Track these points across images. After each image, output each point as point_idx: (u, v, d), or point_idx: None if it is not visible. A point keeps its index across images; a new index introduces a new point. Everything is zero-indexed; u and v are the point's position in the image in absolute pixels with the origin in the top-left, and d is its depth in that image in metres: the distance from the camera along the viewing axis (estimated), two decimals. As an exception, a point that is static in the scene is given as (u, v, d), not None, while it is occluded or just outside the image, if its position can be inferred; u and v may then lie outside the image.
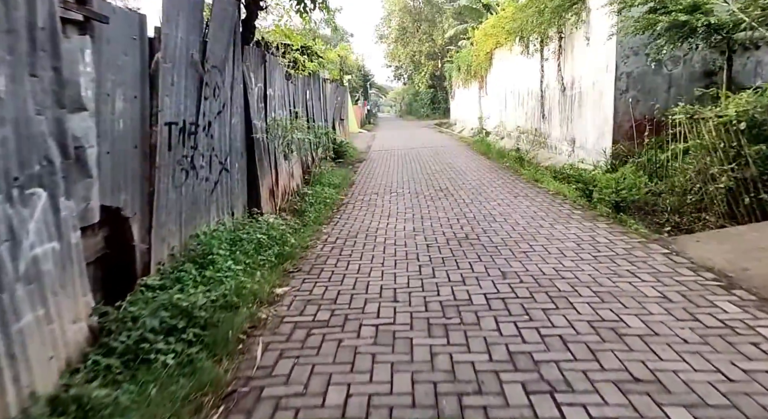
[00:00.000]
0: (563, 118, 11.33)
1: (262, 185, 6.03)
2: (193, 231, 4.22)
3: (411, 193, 8.16)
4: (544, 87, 12.24)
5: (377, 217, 6.40)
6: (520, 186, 8.19)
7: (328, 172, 9.84)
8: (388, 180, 9.72)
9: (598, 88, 9.55)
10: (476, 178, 9.27)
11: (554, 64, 11.45)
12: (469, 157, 13.16)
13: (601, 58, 9.33)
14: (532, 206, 6.52)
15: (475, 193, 7.78)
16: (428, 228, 5.62)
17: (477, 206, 6.73)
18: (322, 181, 8.61)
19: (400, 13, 42.57)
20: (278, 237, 4.95)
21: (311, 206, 6.78)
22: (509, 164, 10.80)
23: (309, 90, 10.37)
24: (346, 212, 6.81)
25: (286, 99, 8.01)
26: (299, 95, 9.05)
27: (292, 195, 7.53)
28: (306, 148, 9.34)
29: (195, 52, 4.09)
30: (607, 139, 9.23)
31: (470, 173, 10.03)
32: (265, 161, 6.23)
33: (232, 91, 5.15)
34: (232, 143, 5.24)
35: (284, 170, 7.24)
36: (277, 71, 7.17)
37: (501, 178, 9.22)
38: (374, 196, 8.03)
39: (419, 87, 44.31)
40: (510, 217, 5.93)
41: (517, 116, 15.55)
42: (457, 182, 8.95)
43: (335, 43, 42.46)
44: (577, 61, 10.46)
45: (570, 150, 10.89)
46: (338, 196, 7.96)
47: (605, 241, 4.63)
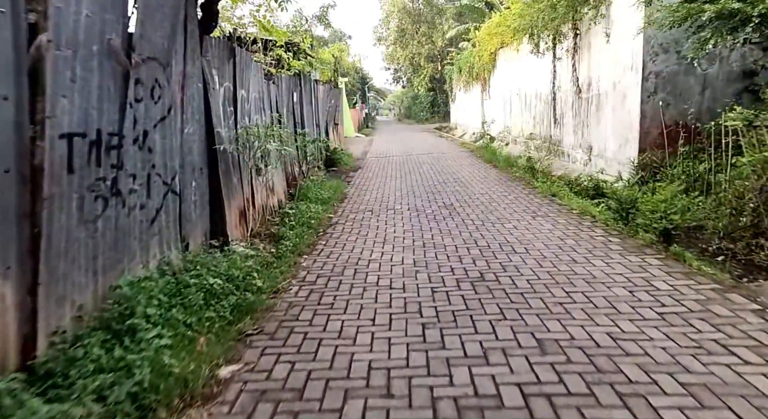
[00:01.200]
0: (578, 123, 10.26)
1: (230, 207, 4.93)
2: (118, 278, 3.12)
3: (411, 209, 7.07)
4: (555, 89, 11.17)
5: (370, 244, 5.30)
6: (536, 202, 7.10)
7: (317, 183, 8.74)
8: (384, 193, 8.64)
9: (620, 89, 8.47)
10: (484, 192, 8.18)
11: (568, 63, 10.38)
12: (473, 166, 12.08)
13: (625, 57, 8.26)
14: (556, 230, 5.43)
15: (486, 210, 6.70)
16: (432, 262, 4.53)
17: (490, 229, 5.64)
18: (309, 196, 7.51)
19: (398, 15, 41.59)
20: (241, 277, 3.85)
21: (292, 229, 5.68)
22: (519, 174, 9.72)
23: (297, 92, 9.29)
24: (333, 236, 5.70)
25: (266, 102, 6.92)
26: (283, 98, 7.97)
27: (272, 214, 6.43)
28: (292, 157, 8.24)
29: (115, 38, 3.00)
30: (631, 148, 8.15)
31: (477, 185, 8.95)
32: (234, 177, 5.13)
33: (184, 92, 4.06)
34: (186, 157, 4.14)
35: (262, 186, 6.15)
36: (253, 69, 6.09)
37: (512, 191, 8.14)
38: (368, 213, 6.94)
39: (418, 90, 43.29)
40: (532, 246, 4.84)
41: (523, 121, 14.49)
42: (464, 196, 7.87)
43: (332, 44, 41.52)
44: (594, 60, 9.39)
45: (586, 158, 9.81)
46: (326, 214, 6.86)
47: (667, 288, 3.53)
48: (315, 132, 12.35)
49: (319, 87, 12.42)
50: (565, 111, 10.91)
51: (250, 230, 5.39)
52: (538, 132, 13.02)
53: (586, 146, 9.87)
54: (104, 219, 3.00)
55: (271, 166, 5.47)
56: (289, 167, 8.23)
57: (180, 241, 4.00)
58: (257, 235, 5.48)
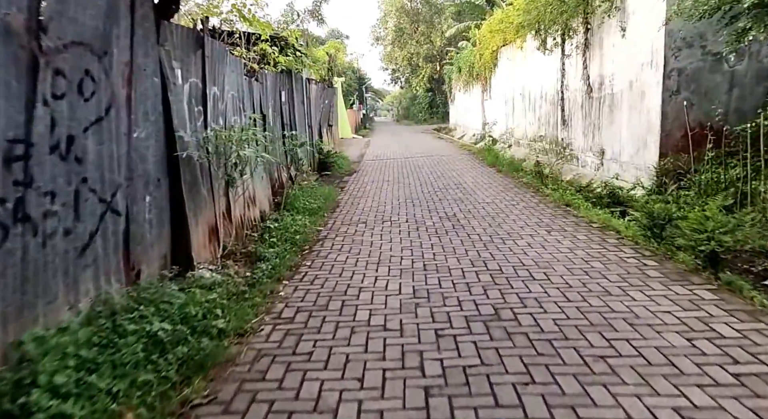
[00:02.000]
0: (588, 124, 9.54)
1: (196, 224, 4.19)
2: (31, 326, 2.38)
3: (410, 221, 6.33)
4: (564, 88, 10.44)
5: (362, 266, 4.55)
6: (549, 213, 6.37)
7: (307, 191, 8.00)
8: (380, 201, 7.89)
9: (638, 88, 7.75)
10: (490, 200, 7.44)
11: (578, 61, 9.66)
12: (476, 170, 11.34)
13: (643, 52, 7.54)
14: (578, 248, 4.70)
15: (493, 223, 5.96)
16: (435, 291, 3.79)
17: (500, 247, 4.90)
18: (296, 205, 6.76)
19: (397, 14, 40.87)
20: (200, 316, 3.10)
21: (273, 247, 4.93)
22: (527, 180, 8.98)
23: (285, 91, 8.55)
24: (320, 256, 4.95)
25: (248, 101, 6.17)
26: (269, 97, 7.22)
27: (253, 228, 5.68)
28: (279, 162, 7.49)
29: (16, 14, 2.26)
30: (651, 152, 7.42)
31: (481, 192, 8.21)
32: (202, 189, 4.38)
33: (132, 87, 3.31)
34: (136, 167, 3.40)
35: (240, 197, 5.40)
36: (230, 64, 5.34)
37: (521, 199, 7.40)
38: (361, 226, 6.20)
39: (417, 90, 42.57)
40: (552, 271, 4.10)
41: (527, 122, 13.77)
42: (467, 205, 7.13)
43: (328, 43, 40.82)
44: (607, 57, 8.67)
45: (597, 162, 9.08)
46: (315, 226, 6.11)
47: (734, 336, 2.79)
48: (307, 134, 11.60)
49: (311, 86, 11.68)
50: (574, 111, 10.19)
51: (222, 249, 4.64)
52: (544, 134, 12.30)
53: (597, 149, 9.14)
54: (3, 254, 2.25)
55: (248, 175, 4.71)
56: (276, 173, 7.49)
57: (126, 271, 3.25)
58: (232, 255, 4.72)
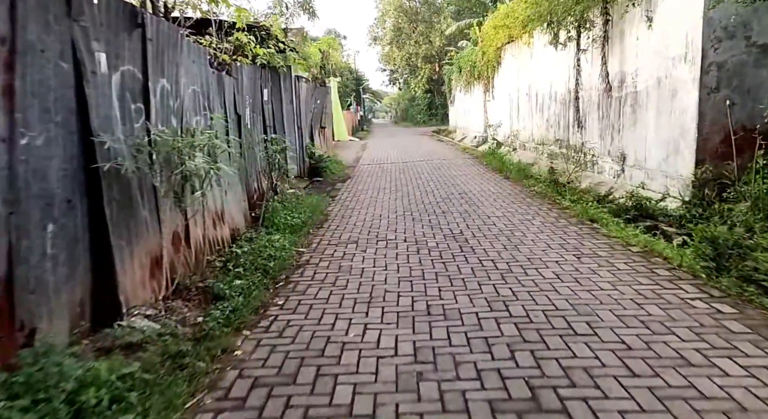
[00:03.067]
0: (606, 126, 8.58)
1: (130, 256, 3.20)
2: None
3: (408, 241, 5.34)
4: (579, 86, 9.48)
5: (348, 308, 3.56)
6: (573, 231, 5.39)
7: (292, 202, 7.02)
8: (375, 213, 6.91)
9: (668, 86, 6.79)
10: (501, 213, 6.47)
11: (595, 56, 8.70)
12: (481, 176, 10.36)
13: (675, 45, 6.58)
14: (622, 284, 3.72)
15: (509, 244, 4.98)
16: (443, 353, 2.79)
17: (522, 281, 3.92)
18: (276, 221, 5.77)
19: (395, 13, 39.95)
20: (101, 408, 2.12)
21: (240, 277, 3.94)
22: (539, 189, 8.01)
23: (268, 88, 7.56)
24: (296, 291, 3.96)
25: (216, 99, 5.18)
26: (245, 95, 6.23)
27: (220, 251, 4.68)
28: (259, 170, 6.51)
29: None
30: (685, 158, 6.46)
31: (489, 203, 7.23)
32: (141, 210, 3.39)
33: (17, 75, 2.33)
34: (28, 185, 2.41)
35: (201, 215, 4.41)
36: (189, 52, 4.35)
37: (537, 212, 6.42)
38: (351, 247, 5.20)
39: (415, 92, 41.63)
40: (599, 322, 3.09)
41: (533, 124, 12.82)
42: (475, 220, 6.15)
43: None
44: (630, 51, 7.72)
45: (617, 169, 8.11)
46: (295, 248, 5.12)
47: None
48: (296, 137, 10.63)
49: (301, 84, 10.71)
50: (589, 112, 9.23)
51: (172, 285, 3.65)
52: (553, 136, 11.35)
53: (617, 154, 8.18)
54: None
55: (202, 191, 3.69)
56: (256, 182, 6.50)
57: (7, 334, 2.27)
58: (185, 291, 3.73)
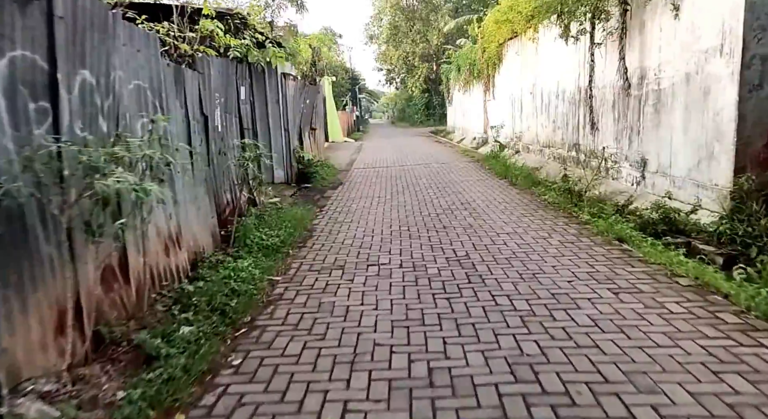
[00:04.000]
0: (623, 127, 7.75)
1: (20, 312, 2.31)
2: None
3: (405, 267, 4.47)
4: (593, 84, 8.63)
5: (324, 373, 2.66)
6: (601, 254, 4.52)
7: (273, 215, 6.15)
8: (367, 229, 6.04)
9: (699, 82, 5.95)
10: (512, 229, 5.60)
11: (612, 50, 7.87)
12: (484, 182, 9.51)
13: (708, 36, 5.74)
14: (683, 337, 2.85)
15: (527, 273, 4.10)
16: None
17: (550, 329, 3.03)
18: (249, 241, 4.90)
19: (391, 11, 39.05)
20: None
21: (188, 324, 3.07)
22: (551, 198, 7.16)
23: (246, 86, 6.69)
24: (259, 344, 3.05)
25: (171, 97, 4.29)
26: (214, 92, 5.33)
27: (171, 286, 3.80)
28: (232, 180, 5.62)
29: None
30: (721, 165, 5.62)
31: (497, 215, 6.37)
32: (42, 245, 2.48)
33: None
34: None
35: (148, 240, 3.53)
36: (123, 37, 3.47)
37: (553, 228, 5.56)
38: (336, 274, 4.33)
39: (413, 91, 40.77)
40: (667, 405, 2.21)
41: (538, 125, 11.99)
42: (483, 238, 5.28)
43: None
44: (652, 44, 6.88)
45: (637, 175, 7.27)
46: (268, 276, 4.24)
47: None
48: (282, 140, 9.76)
49: (288, 82, 9.83)
50: (604, 112, 8.40)
51: (92, 343, 2.77)
52: (560, 139, 10.52)
53: (636, 159, 7.33)
54: None
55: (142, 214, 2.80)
56: (229, 193, 5.61)
57: None
58: (113, 347, 2.86)
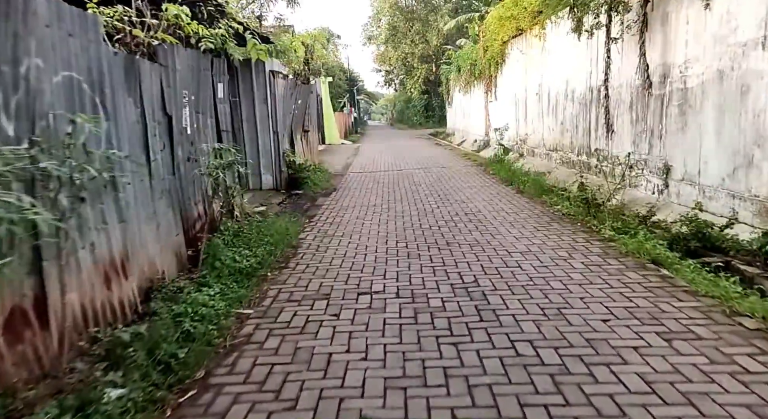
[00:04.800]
0: (642, 130, 7.04)
1: None
2: None
3: (402, 296, 3.73)
4: (609, 82, 7.92)
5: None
6: (636, 282, 3.78)
7: (253, 228, 5.42)
8: (360, 244, 5.30)
9: (734, 79, 5.24)
10: (525, 246, 4.86)
11: (630, 46, 7.16)
12: (488, 189, 8.79)
13: (745, 26, 5.03)
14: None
15: (550, 308, 3.34)
16: None
17: (591, 394, 2.30)
18: (220, 261, 4.16)
19: (390, 11, 38.38)
20: None
21: (116, 385, 2.34)
22: (565, 209, 6.44)
23: (225, 83, 5.96)
24: (208, 417, 2.36)
25: (120, 92, 3.55)
26: (179, 88, 4.57)
27: (113, 324, 3.07)
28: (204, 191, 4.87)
29: None
30: (763, 173, 4.90)
31: (506, 228, 5.65)
32: None
33: None
34: None
35: (83, 270, 2.80)
36: (46, 16, 2.74)
37: (572, 246, 4.82)
38: (319, 307, 3.59)
39: (412, 93, 40.10)
40: None
41: (544, 127, 11.28)
42: (493, 258, 4.54)
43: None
44: (677, 39, 6.18)
45: (659, 183, 6.55)
46: (236, 309, 3.50)
47: None
48: (271, 143, 9.03)
49: (278, 81, 9.11)
50: (620, 114, 7.69)
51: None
52: (569, 142, 9.81)
53: (658, 165, 6.61)
54: None
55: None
56: (201, 207, 4.87)
57: None
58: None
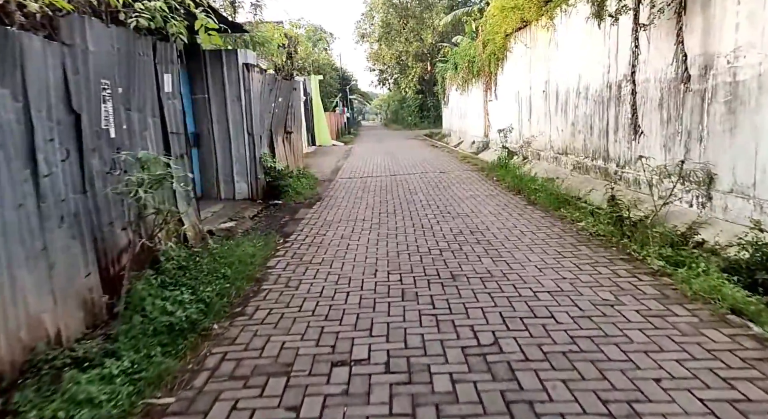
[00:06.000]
0: (675, 132, 5.97)
1: None
2: None
3: (395, 370, 2.58)
4: (635, 75, 6.83)
5: None
6: (723, 345, 2.64)
7: (207, 253, 4.28)
8: (342, 277, 4.14)
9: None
10: (553, 282, 3.73)
11: (663, 33, 6.09)
12: (495, 200, 7.68)
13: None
14: None
15: (616, 398, 2.22)
16: None
17: None
18: (144, 313, 3.03)
19: (383, 8, 37.25)
20: None
21: None
22: (591, 227, 5.34)
23: (175, 74, 4.80)
24: None
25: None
26: (96, 78, 3.40)
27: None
28: (134, 215, 3.71)
29: None
30: None
31: (524, 255, 4.52)
32: None
33: None
34: None
35: None
36: None
37: (616, 284, 3.68)
38: (275, 387, 2.46)
39: (406, 92, 39.01)
40: None
41: (552, 128, 10.22)
42: (515, 302, 3.39)
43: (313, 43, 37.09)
44: (724, 23, 5.09)
45: (700, 195, 5.47)
46: (143, 401, 2.35)
47: None
48: (245, 146, 7.87)
49: (253, 75, 7.96)
50: (647, 112, 6.62)
51: None
52: (581, 144, 8.75)
53: (698, 174, 5.50)
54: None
55: None
56: (129, 233, 3.72)
57: None
58: None
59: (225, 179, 7.90)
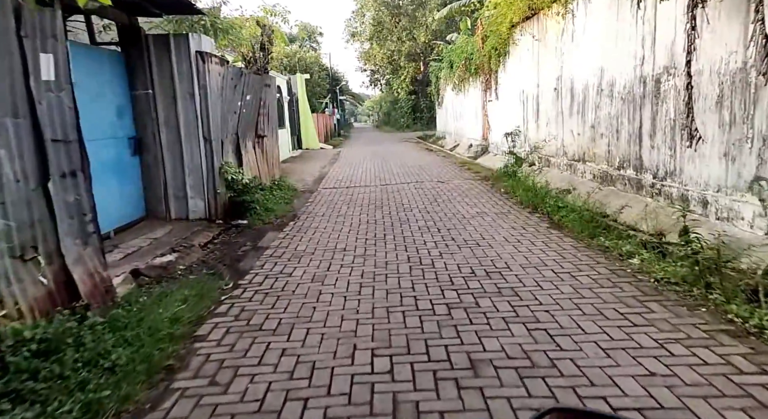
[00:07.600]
0: (741, 138, 4.59)
1: None
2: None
3: None
4: (692, 63, 5.42)
5: None
6: None
7: (102, 321, 2.83)
8: (301, 368, 2.66)
9: None
10: (633, 381, 2.28)
11: (728, 12, 4.71)
12: (508, 220, 6.24)
13: None
14: None
15: None
16: None
17: None
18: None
19: (375, 5, 35.86)
20: None
21: None
22: (649, 269, 3.93)
23: (59, 53, 3.33)
24: None
25: None
26: None
27: None
28: None
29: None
30: None
31: (569, 319, 3.05)
32: None
33: None
34: None
35: None
36: None
37: (728, 379, 2.29)
38: None
39: (398, 93, 37.63)
40: None
41: (566, 131, 8.83)
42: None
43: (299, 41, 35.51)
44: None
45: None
46: None
47: None
48: (201, 154, 6.38)
49: (211, 66, 6.46)
50: (700, 112, 5.24)
51: None
52: (603, 151, 7.38)
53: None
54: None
55: None
56: None
57: None
58: None
59: (176, 195, 6.40)
